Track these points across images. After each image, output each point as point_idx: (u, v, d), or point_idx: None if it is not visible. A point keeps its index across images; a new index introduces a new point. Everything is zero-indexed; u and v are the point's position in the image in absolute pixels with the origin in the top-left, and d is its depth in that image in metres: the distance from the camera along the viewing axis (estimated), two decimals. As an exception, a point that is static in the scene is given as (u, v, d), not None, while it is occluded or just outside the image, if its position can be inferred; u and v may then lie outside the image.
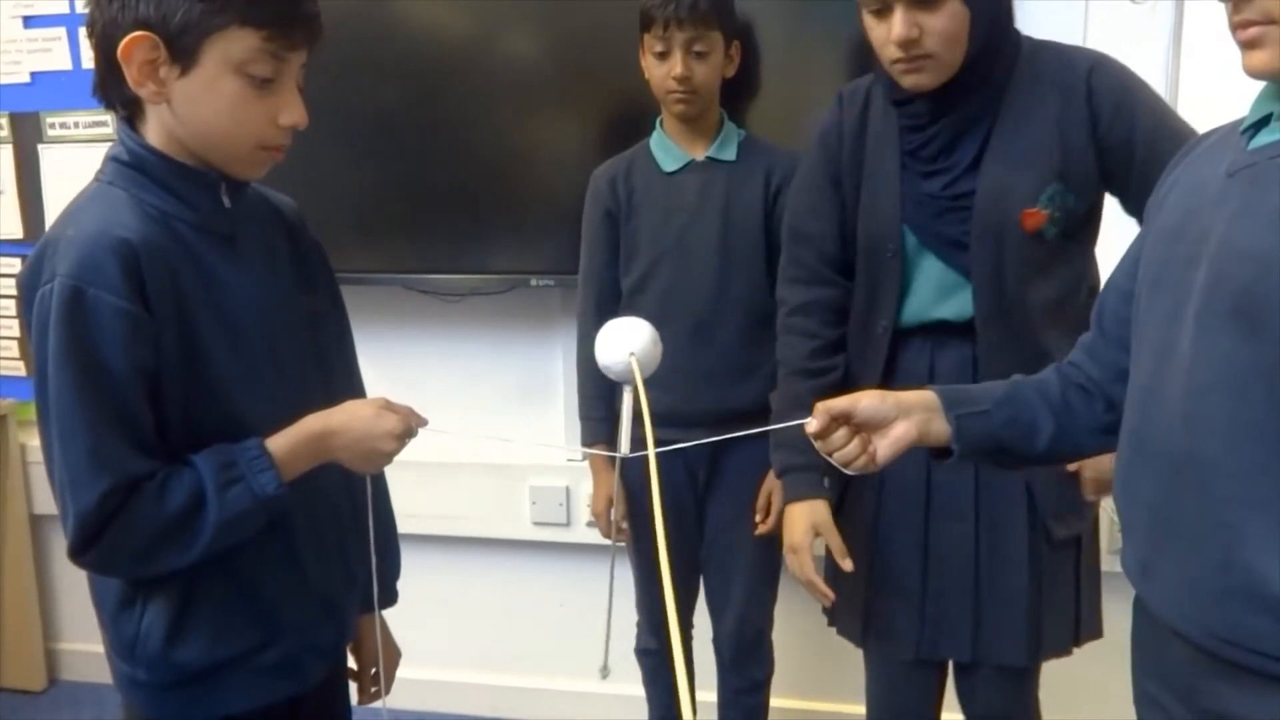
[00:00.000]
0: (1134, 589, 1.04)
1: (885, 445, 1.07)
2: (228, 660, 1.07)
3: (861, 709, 2.25)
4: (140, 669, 1.06)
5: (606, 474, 1.84)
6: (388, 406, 1.09)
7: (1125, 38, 1.89)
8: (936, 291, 1.41)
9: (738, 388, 1.74)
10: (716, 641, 1.94)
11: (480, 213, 2.16)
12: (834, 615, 1.59)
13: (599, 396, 1.83)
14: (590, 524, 2.26)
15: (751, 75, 1.88)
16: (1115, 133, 1.34)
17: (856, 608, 1.53)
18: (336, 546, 1.19)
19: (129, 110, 1.06)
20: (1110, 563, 1.99)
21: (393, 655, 1.35)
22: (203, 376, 1.02)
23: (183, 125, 1.03)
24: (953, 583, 1.46)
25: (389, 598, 1.33)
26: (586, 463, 2.27)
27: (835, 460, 1.07)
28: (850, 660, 2.27)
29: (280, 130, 1.06)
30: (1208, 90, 1.89)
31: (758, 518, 1.80)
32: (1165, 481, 0.94)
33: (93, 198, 1.04)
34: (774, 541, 1.86)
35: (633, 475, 1.83)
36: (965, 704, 1.57)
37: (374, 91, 2.12)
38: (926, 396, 1.09)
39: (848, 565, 1.42)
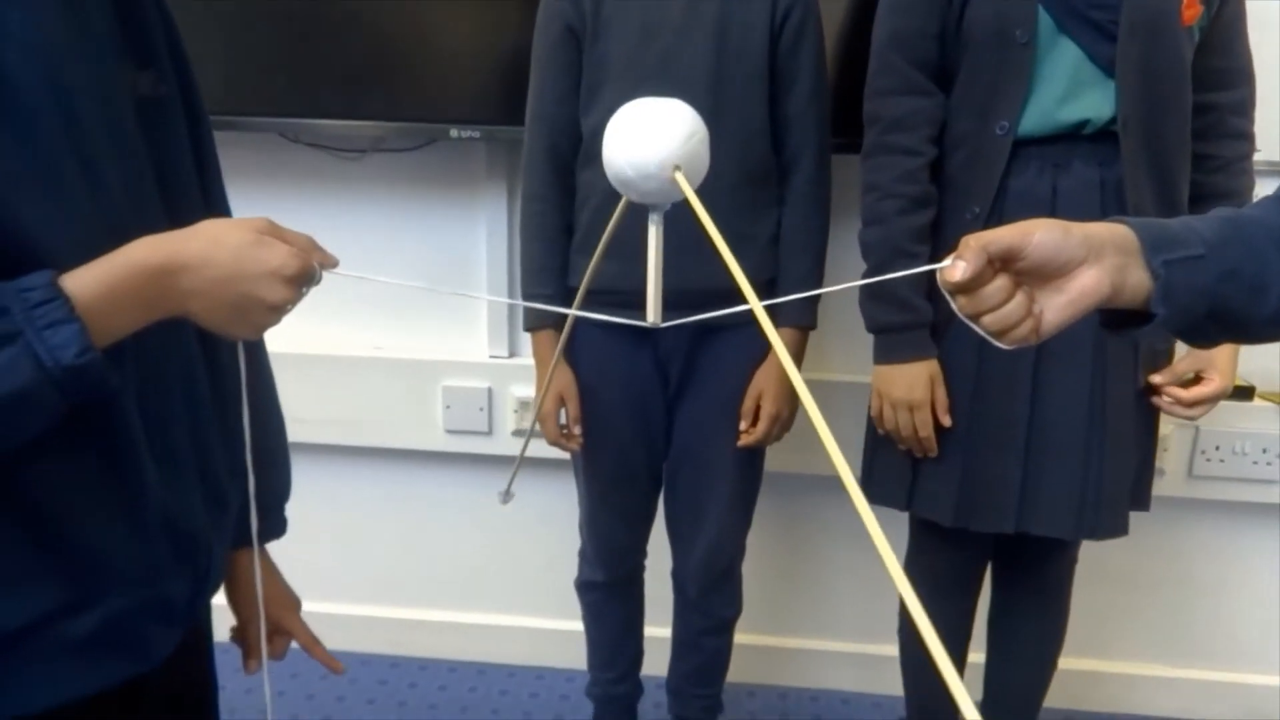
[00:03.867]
0: None
1: (1061, 304, 0.69)
2: (10, 633, 0.67)
3: (829, 644, 2.01)
4: None
5: (559, 366, 1.46)
6: (271, 231, 0.69)
7: None
8: (1068, 87, 1.28)
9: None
10: (678, 573, 1.62)
11: (386, 45, 1.70)
12: (880, 489, 1.46)
13: (549, 269, 1.44)
14: (517, 433, 1.91)
15: None
16: None
17: (950, 480, 1.39)
18: (194, 453, 0.79)
19: None
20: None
21: (289, 602, 0.97)
22: None
23: None
24: (1061, 441, 1.34)
25: (276, 526, 0.94)
26: (514, 359, 1.91)
27: (987, 325, 0.70)
28: (817, 591, 2.02)
29: None
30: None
31: (742, 424, 1.46)
32: None
33: None
34: (756, 456, 1.53)
35: (588, 369, 1.47)
36: (1013, 573, 1.55)
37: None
38: (1121, 233, 0.71)
39: (947, 421, 1.36)
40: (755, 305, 0.68)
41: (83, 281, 0.62)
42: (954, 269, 0.68)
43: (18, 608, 0.66)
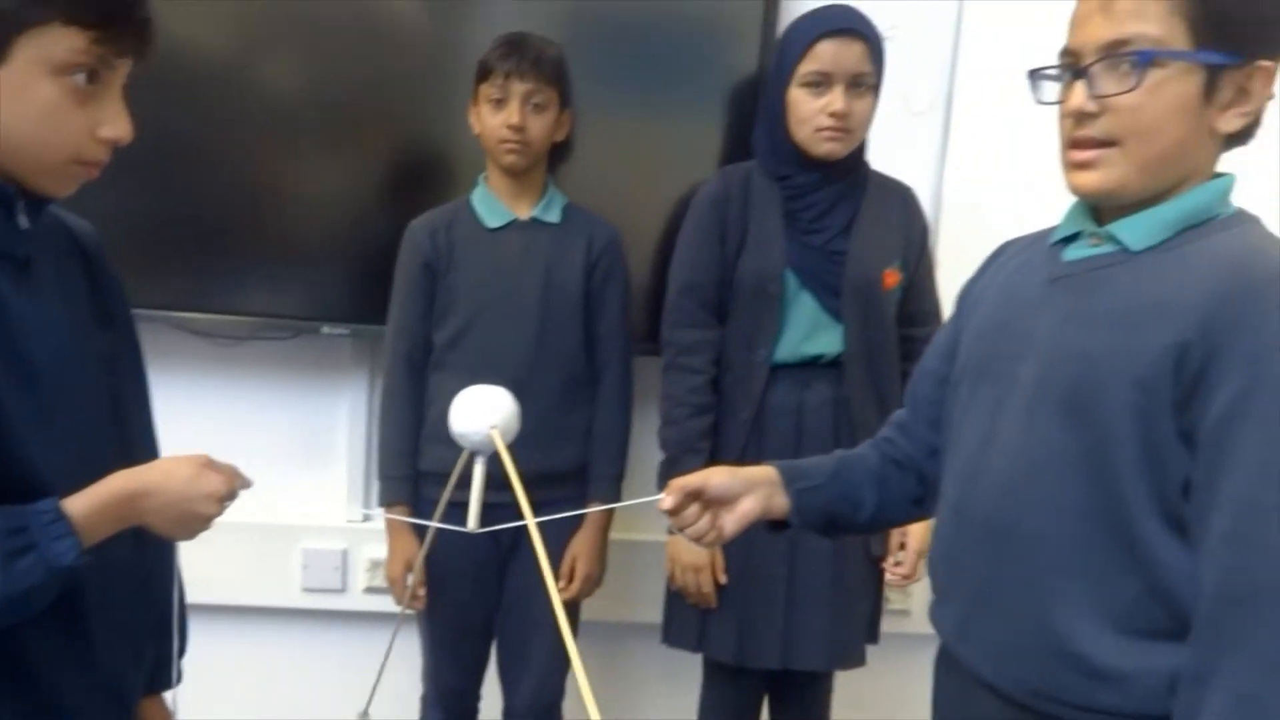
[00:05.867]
0: (948, 646, 1.12)
1: (733, 520, 1.11)
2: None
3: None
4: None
5: (407, 537, 1.75)
6: (209, 465, 0.98)
7: (899, 143, 2.07)
8: (809, 329, 1.70)
9: (553, 449, 1.72)
10: (508, 713, 1.88)
11: (265, 249, 2.01)
12: (677, 635, 1.81)
13: (403, 454, 1.74)
14: (369, 590, 2.14)
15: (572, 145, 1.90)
16: (920, 249, 1.80)
17: (730, 627, 1.73)
18: (125, 621, 1.04)
19: None
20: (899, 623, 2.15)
21: None
22: None
23: None
24: (813, 594, 1.70)
25: (177, 676, 1.18)
26: (367, 523, 2.16)
27: (687, 535, 1.09)
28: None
29: (100, 144, 0.94)
30: (967, 191, 2.14)
31: (560, 583, 1.77)
32: (989, 551, 1.03)
33: None
34: (573, 609, 1.84)
35: (433, 540, 1.75)
36: (783, 702, 1.89)
37: (142, 103, 1.92)
38: (768, 472, 1.14)
39: (724, 579, 1.71)
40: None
41: (77, 505, 0.89)
42: (663, 502, 1.05)
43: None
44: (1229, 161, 1.01)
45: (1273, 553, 0.87)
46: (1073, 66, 0.98)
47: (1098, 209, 1.02)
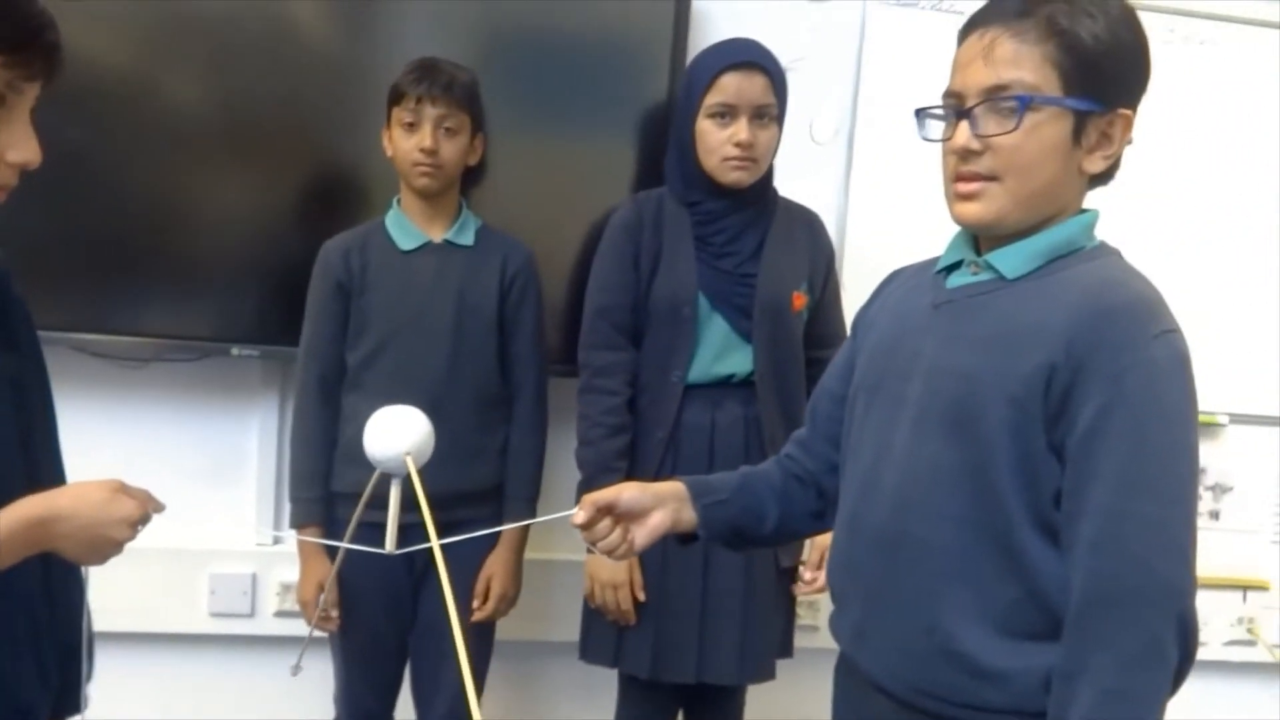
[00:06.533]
0: (846, 652, 1.18)
1: (643, 533, 1.15)
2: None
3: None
4: None
5: (320, 559, 1.74)
6: (122, 489, 0.98)
7: (805, 172, 2.16)
8: (720, 349, 1.76)
9: (466, 469, 1.74)
10: (422, 733, 1.88)
11: (172, 269, 1.97)
12: (594, 651, 1.83)
13: (315, 475, 1.74)
14: (280, 614, 2.12)
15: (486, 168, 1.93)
16: (826, 273, 1.87)
17: (646, 642, 1.75)
18: (31, 646, 1.03)
19: None
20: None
21: None
22: None
23: None
24: (726, 608, 1.74)
25: (84, 702, 1.16)
26: (278, 546, 2.13)
27: (599, 549, 1.13)
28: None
29: (8, 168, 0.95)
30: (870, 217, 2.23)
31: (475, 602, 1.79)
32: (882, 560, 1.09)
33: None
34: (488, 628, 1.85)
35: (345, 561, 1.75)
36: (698, 716, 1.91)
37: (46, 119, 1.87)
38: (677, 487, 1.19)
39: (642, 597, 1.74)
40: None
41: None
42: (576, 516, 1.09)
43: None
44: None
45: (1134, 557, 0.95)
46: (956, 108, 1.06)
47: (977, 240, 1.10)
